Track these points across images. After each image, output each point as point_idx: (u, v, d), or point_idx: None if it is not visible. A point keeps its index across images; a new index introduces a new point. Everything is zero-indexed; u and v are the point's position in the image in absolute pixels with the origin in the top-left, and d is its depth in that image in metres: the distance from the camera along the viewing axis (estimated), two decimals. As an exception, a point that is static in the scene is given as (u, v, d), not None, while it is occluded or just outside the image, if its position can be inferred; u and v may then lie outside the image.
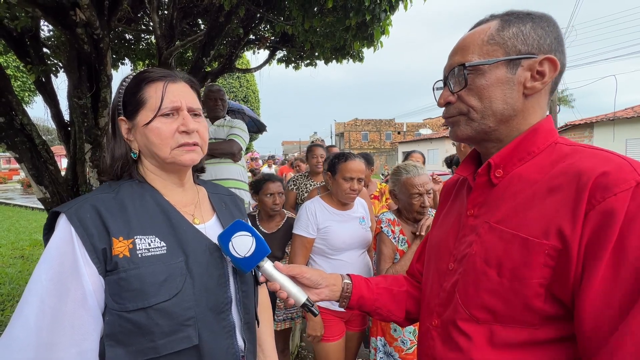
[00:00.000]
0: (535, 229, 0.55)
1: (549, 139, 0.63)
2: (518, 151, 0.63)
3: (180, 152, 0.74)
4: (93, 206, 0.66)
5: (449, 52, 0.69)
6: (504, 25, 0.62)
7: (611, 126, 12.04)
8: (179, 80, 0.76)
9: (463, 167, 0.75)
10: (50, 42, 3.43)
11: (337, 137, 39.16)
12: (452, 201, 0.80)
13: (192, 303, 0.68)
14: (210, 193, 0.90)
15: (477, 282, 0.61)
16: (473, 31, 0.66)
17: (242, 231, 0.74)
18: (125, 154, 0.76)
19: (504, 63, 0.61)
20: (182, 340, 0.67)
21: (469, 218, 0.68)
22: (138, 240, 0.67)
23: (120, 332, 0.64)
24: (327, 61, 3.79)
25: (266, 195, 2.10)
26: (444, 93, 0.68)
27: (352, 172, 1.74)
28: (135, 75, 0.76)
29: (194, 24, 3.98)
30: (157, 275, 0.66)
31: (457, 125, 0.68)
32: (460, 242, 0.68)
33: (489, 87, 0.62)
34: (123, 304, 0.63)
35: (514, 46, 0.61)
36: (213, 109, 2.65)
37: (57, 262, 0.62)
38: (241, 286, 0.81)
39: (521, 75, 0.61)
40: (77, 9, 2.26)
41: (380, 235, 1.71)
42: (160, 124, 0.72)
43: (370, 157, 3.17)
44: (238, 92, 15.38)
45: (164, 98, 0.72)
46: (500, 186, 0.64)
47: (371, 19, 2.50)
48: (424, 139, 26.04)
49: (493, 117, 0.63)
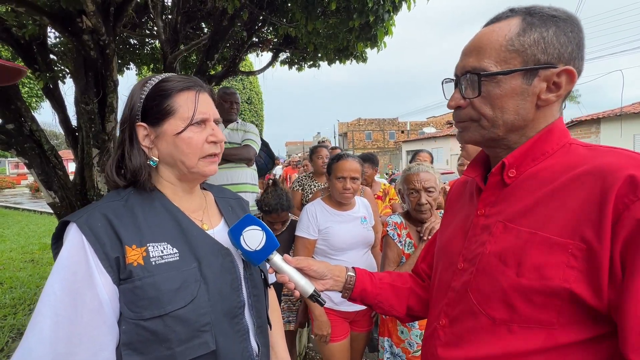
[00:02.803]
0: (557, 228, 0.54)
1: (563, 140, 0.62)
2: (532, 151, 0.62)
3: (205, 163, 0.75)
4: (103, 215, 0.66)
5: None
6: (525, 28, 0.58)
7: (618, 122, 11.87)
8: (204, 90, 0.77)
9: (471, 169, 0.74)
10: (57, 49, 3.48)
11: (341, 137, 39.13)
12: (461, 202, 0.80)
13: (208, 309, 0.68)
14: (217, 197, 0.91)
15: (494, 281, 0.60)
16: (490, 29, 0.62)
17: (253, 225, 0.76)
18: (145, 162, 0.73)
19: (521, 73, 0.58)
20: (199, 347, 0.66)
21: (479, 218, 0.67)
22: (151, 247, 0.67)
23: (138, 341, 0.63)
24: (330, 62, 3.79)
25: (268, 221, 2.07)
26: (455, 96, 0.66)
27: (344, 171, 1.75)
28: (159, 83, 0.73)
29: (198, 28, 4.01)
30: (172, 283, 0.66)
31: (466, 130, 0.67)
32: (471, 242, 0.68)
33: (502, 97, 0.60)
34: (139, 312, 0.63)
35: (533, 55, 0.58)
36: (228, 112, 2.65)
37: (70, 272, 0.61)
38: (252, 290, 0.81)
39: (536, 86, 0.59)
40: (83, 16, 2.29)
41: (385, 239, 1.70)
42: (192, 134, 0.72)
43: (375, 157, 3.16)
44: (242, 94, 15.46)
45: (197, 109, 0.72)
46: (513, 186, 0.63)
47: (374, 20, 2.50)
48: (428, 137, 25.90)
49: (503, 127, 0.62)
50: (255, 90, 16.35)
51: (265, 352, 0.83)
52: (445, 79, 0.71)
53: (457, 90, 0.66)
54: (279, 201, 1.97)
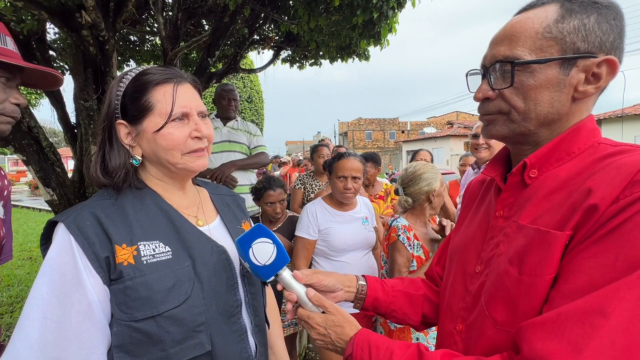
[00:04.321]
0: (558, 223, 0.52)
1: (592, 139, 0.57)
2: (557, 151, 0.58)
3: (191, 158, 0.71)
4: (92, 213, 0.64)
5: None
6: (565, 14, 0.54)
7: (619, 123, 11.86)
8: (184, 81, 0.72)
9: (490, 168, 0.70)
10: (56, 45, 3.44)
11: (341, 136, 39.11)
12: (479, 202, 0.76)
13: (202, 308, 0.66)
14: (212, 194, 0.88)
15: (499, 282, 0.58)
16: (525, 17, 0.57)
17: (263, 237, 0.71)
18: (126, 161, 0.70)
19: (558, 62, 0.54)
20: (194, 347, 0.64)
21: (498, 219, 0.64)
22: (142, 246, 0.64)
23: (130, 343, 0.61)
24: (332, 60, 3.76)
25: (267, 204, 2.06)
26: (483, 87, 0.62)
27: (345, 170, 1.72)
28: (136, 77, 0.70)
29: (199, 24, 3.97)
30: (165, 282, 0.63)
31: (493, 123, 0.62)
32: (488, 244, 0.65)
33: (536, 88, 0.56)
34: (131, 313, 0.61)
35: (572, 43, 0.53)
36: (226, 110, 2.60)
37: (58, 274, 0.59)
38: (249, 288, 0.79)
39: (574, 77, 0.55)
40: (82, 11, 2.26)
41: (395, 244, 1.63)
42: (173, 130, 0.68)
43: (378, 156, 3.13)
44: (242, 93, 15.41)
45: (175, 103, 0.68)
46: (533, 186, 0.60)
47: (378, 17, 2.46)
48: (428, 137, 25.89)
49: (536, 120, 0.58)
50: (255, 89, 16.31)
51: (263, 351, 0.81)
52: (470, 70, 0.67)
53: (484, 82, 0.61)
54: (270, 180, 2.06)
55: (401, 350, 0.60)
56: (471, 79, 0.67)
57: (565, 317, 0.45)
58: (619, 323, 0.42)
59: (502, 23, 0.62)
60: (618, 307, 0.42)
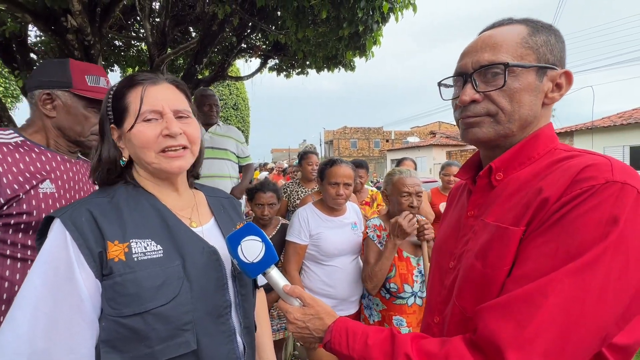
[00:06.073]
0: (514, 219, 0.58)
1: (549, 145, 0.64)
2: (519, 156, 0.65)
3: (165, 159, 0.72)
4: (88, 210, 0.65)
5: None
6: (534, 30, 0.62)
7: (590, 135, 12.53)
8: (161, 82, 0.74)
9: (463, 171, 0.77)
10: (37, 48, 3.37)
11: (327, 144, 39.37)
12: (455, 204, 0.83)
13: (190, 307, 0.67)
14: (208, 196, 0.89)
15: (466, 275, 0.64)
16: (498, 30, 0.64)
17: (252, 235, 0.73)
18: (114, 159, 0.74)
19: (535, 70, 0.61)
20: (180, 346, 0.65)
21: (469, 219, 0.71)
22: (134, 243, 0.66)
23: (117, 338, 0.62)
24: (319, 70, 3.84)
25: (256, 205, 2.10)
26: (468, 91, 0.65)
27: (338, 177, 1.76)
28: (120, 81, 0.75)
29: (186, 32, 3.98)
30: (154, 279, 0.65)
31: (479, 125, 0.65)
32: (460, 241, 0.71)
33: (521, 90, 0.61)
34: (119, 309, 0.62)
35: (544, 54, 0.61)
36: (208, 115, 2.58)
37: (52, 267, 0.61)
38: (240, 289, 0.80)
39: (545, 85, 0.62)
40: (68, 15, 2.24)
41: (366, 241, 1.73)
42: (143, 128, 0.70)
43: (366, 163, 3.21)
44: (228, 100, 15.33)
45: (142, 102, 0.70)
46: (499, 188, 0.66)
47: (364, 30, 2.56)
48: (412, 146, 26.42)
49: (518, 121, 0.63)
50: (241, 96, 16.27)
51: (251, 353, 0.82)
52: (443, 79, 0.72)
53: (469, 86, 0.65)
54: (264, 183, 2.12)
55: (375, 334, 0.65)
56: (445, 89, 0.73)
57: (514, 299, 0.52)
58: (558, 302, 0.48)
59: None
60: (557, 289, 0.49)
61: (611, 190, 0.50)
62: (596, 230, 0.49)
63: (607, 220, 0.49)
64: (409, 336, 0.61)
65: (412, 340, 0.60)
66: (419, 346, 0.58)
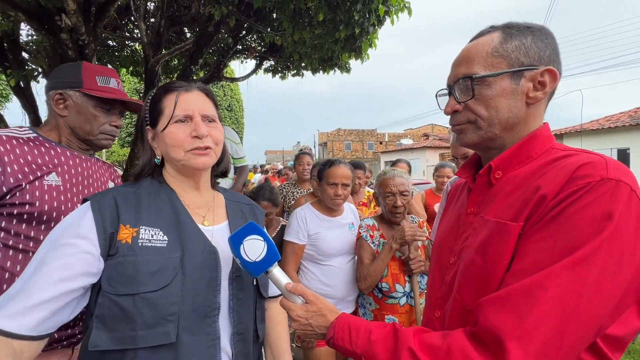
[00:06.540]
0: (513, 215, 0.60)
1: (547, 145, 0.67)
2: (518, 155, 0.67)
3: (193, 155, 0.79)
4: (113, 196, 0.74)
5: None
6: (507, 38, 0.66)
7: (579, 137, 12.78)
8: (193, 89, 0.83)
9: (463, 170, 0.80)
10: (29, 47, 3.32)
11: (321, 146, 39.45)
12: (454, 203, 0.85)
13: (177, 299, 0.69)
14: (228, 200, 0.93)
15: (467, 270, 0.66)
16: (475, 43, 0.69)
17: (255, 234, 0.75)
18: (150, 160, 0.84)
19: (508, 75, 0.65)
20: (160, 336, 0.67)
21: (469, 216, 0.73)
22: (143, 230, 0.72)
23: (109, 315, 0.66)
24: (315, 72, 3.86)
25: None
26: (450, 102, 0.71)
27: (336, 177, 1.78)
28: (158, 88, 0.84)
29: (181, 32, 3.97)
30: (151, 266, 0.69)
31: (464, 132, 0.71)
32: (460, 238, 0.73)
33: (495, 97, 0.65)
34: (115, 287, 0.67)
35: (517, 58, 0.64)
36: None
37: (62, 227, 0.70)
38: (237, 293, 0.79)
39: (524, 86, 0.65)
40: (63, 15, 2.22)
41: (359, 241, 1.75)
42: (175, 129, 0.78)
43: (364, 164, 3.22)
44: (222, 101, 15.28)
45: (176, 106, 0.79)
46: (498, 186, 0.69)
47: (360, 32, 2.59)
48: (405, 148, 26.61)
49: (499, 125, 0.67)
50: (236, 98, 16.23)
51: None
52: (439, 91, 0.77)
53: (451, 98, 0.71)
54: (259, 191, 2.11)
55: (378, 329, 0.66)
56: (441, 99, 0.77)
57: (513, 293, 0.54)
58: (555, 295, 0.50)
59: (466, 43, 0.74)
60: (555, 282, 0.51)
61: (606, 187, 0.52)
62: (592, 225, 0.51)
63: (602, 215, 0.51)
64: (411, 330, 0.63)
65: (414, 334, 0.61)
66: (421, 340, 0.60)
